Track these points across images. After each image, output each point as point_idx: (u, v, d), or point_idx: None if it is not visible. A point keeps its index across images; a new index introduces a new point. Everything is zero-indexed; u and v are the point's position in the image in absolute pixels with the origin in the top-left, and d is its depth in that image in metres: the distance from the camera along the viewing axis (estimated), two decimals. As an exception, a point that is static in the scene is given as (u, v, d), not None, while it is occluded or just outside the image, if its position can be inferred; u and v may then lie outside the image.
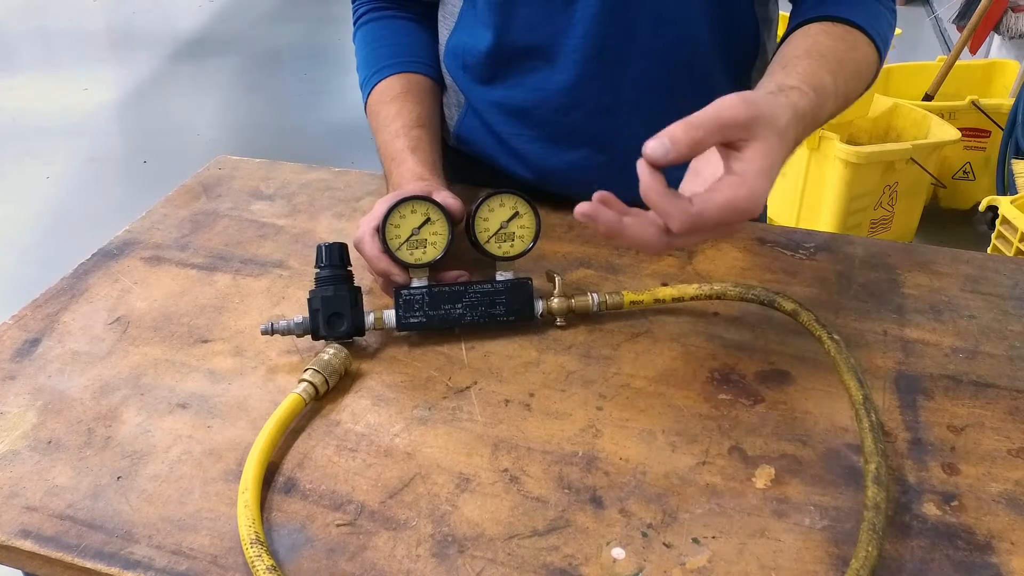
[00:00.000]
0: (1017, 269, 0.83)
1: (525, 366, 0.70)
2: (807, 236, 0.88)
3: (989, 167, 2.68)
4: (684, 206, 0.56)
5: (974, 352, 0.72)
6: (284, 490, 0.59)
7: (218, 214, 0.93)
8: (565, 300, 0.73)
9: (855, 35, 0.78)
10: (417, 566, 0.53)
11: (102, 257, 0.86)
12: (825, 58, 0.72)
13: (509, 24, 0.84)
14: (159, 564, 0.53)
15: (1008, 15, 3.00)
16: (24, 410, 0.66)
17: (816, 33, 0.77)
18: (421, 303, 0.72)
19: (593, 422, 0.64)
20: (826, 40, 0.76)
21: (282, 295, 0.79)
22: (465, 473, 0.60)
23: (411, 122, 0.86)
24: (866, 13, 0.80)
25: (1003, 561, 0.53)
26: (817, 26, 0.78)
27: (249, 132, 3.62)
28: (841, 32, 0.78)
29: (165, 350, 0.72)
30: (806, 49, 0.74)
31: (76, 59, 4.45)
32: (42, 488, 0.59)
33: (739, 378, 0.68)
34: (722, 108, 0.57)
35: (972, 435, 0.63)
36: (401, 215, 0.71)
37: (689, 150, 0.56)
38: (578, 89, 0.84)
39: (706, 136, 0.56)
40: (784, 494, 0.58)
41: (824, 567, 0.53)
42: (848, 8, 0.80)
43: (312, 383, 0.65)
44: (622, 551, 0.54)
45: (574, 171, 0.89)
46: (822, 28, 0.78)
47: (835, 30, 0.78)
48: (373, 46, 0.94)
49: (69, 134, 3.53)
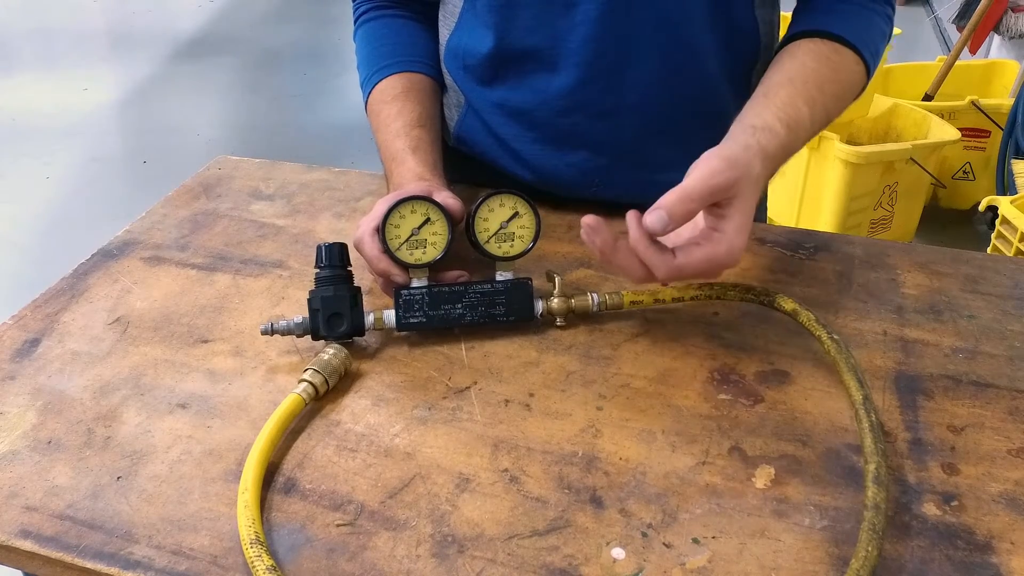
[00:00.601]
0: (1017, 269, 0.83)
1: (525, 366, 0.70)
2: (807, 236, 0.88)
3: (989, 167, 2.68)
4: (668, 260, 0.64)
5: (974, 352, 0.72)
6: (284, 490, 0.59)
7: (218, 214, 0.93)
8: (565, 300, 0.73)
9: (842, 54, 0.80)
10: (417, 566, 0.53)
11: (102, 257, 0.86)
12: (806, 85, 0.76)
13: (510, 26, 0.84)
14: (159, 564, 0.53)
15: (1008, 15, 3.00)
16: (24, 410, 0.66)
17: (803, 55, 0.79)
18: (421, 303, 0.72)
19: (593, 422, 0.64)
20: (811, 64, 0.79)
21: (282, 295, 0.79)
22: (465, 473, 0.60)
23: (412, 122, 0.86)
24: (856, 27, 0.81)
25: (1003, 561, 0.53)
26: (806, 46, 0.80)
27: (249, 132, 3.62)
28: (828, 52, 0.80)
29: (165, 350, 0.72)
30: (789, 76, 0.77)
31: (76, 59, 4.45)
32: (42, 488, 0.59)
33: (739, 378, 0.68)
34: (711, 176, 0.63)
35: (972, 435, 0.63)
36: (401, 215, 0.71)
37: (684, 219, 0.63)
38: (579, 92, 0.84)
39: (699, 206, 0.63)
40: (784, 494, 0.58)
41: (824, 567, 0.53)
42: (841, 22, 0.81)
43: (312, 383, 0.65)
44: (622, 551, 0.54)
45: (574, 173, 0.89)
46: (810, 49, 0.80)
47: (823, 50, 0.80)
48: (374, 45, 0.94)
49: (69, 134, 3.53)
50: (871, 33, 0.82)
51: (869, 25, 0.82)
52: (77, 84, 4.07)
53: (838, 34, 0.80)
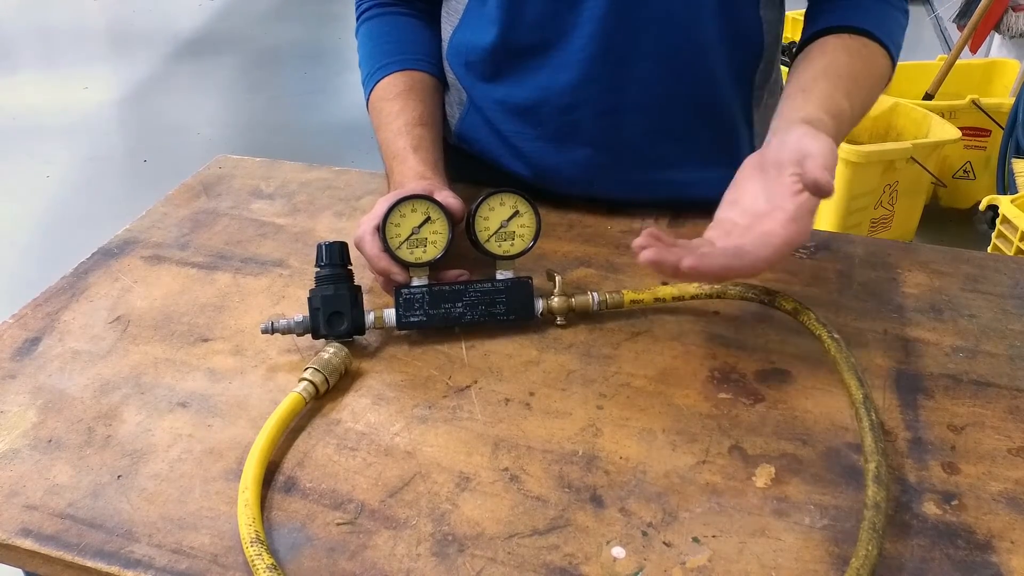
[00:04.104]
0: (1017, 268, 0.83)
1: (525, 365, 0.70)
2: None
3: (989, 166, 2.68)
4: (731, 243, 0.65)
5: (974, 351, 0.72)
6: (284, 489, 0.59)
7: (218, 213, 0.93)
8: (565, 299, 0.73)
9: (871, 48, 0.80)
10: (417, 565, 0.53)
11: (102, 256, 0.86)
12: (842, 79, 0.75)
13: (516, 21, 0.84)
14: (159, 563, 0.53)
15: (1008, 14, 3.00)
16: (24, 409, 0.66)
17: (832, 51, 0.79)
18: (421, 302, 0.72)
19: (593, 421, 0.64)
20: (843, 58, 0.78)
21: (282, 294, 0.79)
22: (465, 472, 0.60)
23: (413, 120, 0.86)
24: (880, 20, 0.81)
25: (1003, 560, 0.53)
26: (834, 41, 0.80)
27: (249, 131, 3.61)
28: (858, 46, 0.79)
29: (165, 349, 0.72)
30: (823, 69, 0.76)
31: (76, 58, 4.45)
32: (42, 487, 0.59)
33: (739, 377, 0.68)
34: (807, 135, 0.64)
35: (972, 434, 0.63)
36: (401, 214, 0.71)
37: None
38: (582, 88, 0.84)
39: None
40: (784, 493, 0.58)
41: (824, 566, 0.53)
42: (863, 16, 0.81)
43: (312, 382, 0.65)
44: (622, 550, 0.54)
45: (576, 170, 0.89)
46: (839, 44, 0.79)
47: (852, 44, 0.79)
48: (376, 43, 0.94)
49: (69, 133, 3.53)
50: (892, 26, 0.82)
51: (889, 18, 0.83)
52: (77, 83, 4.07)
53: (864, 28, 0.80)
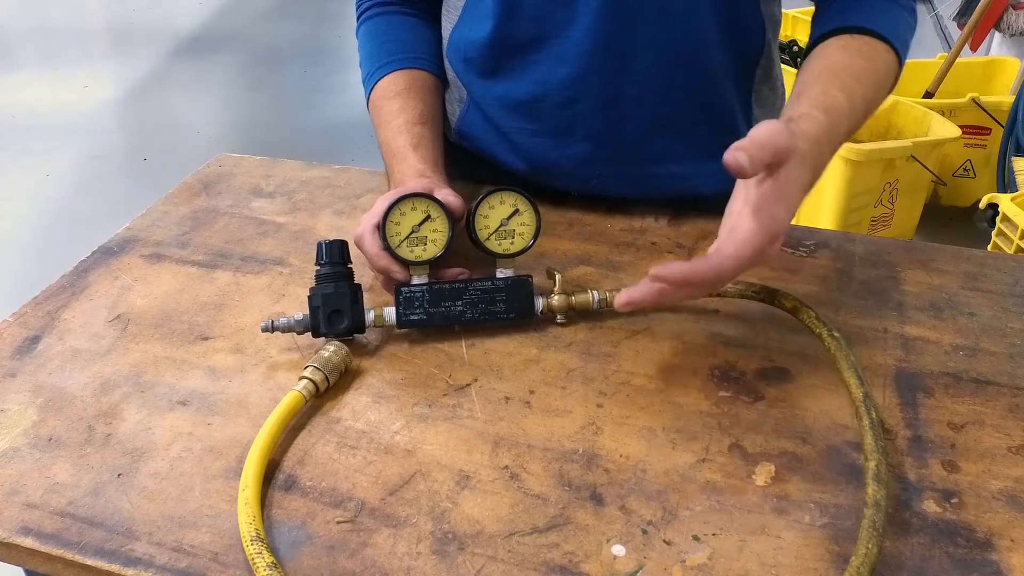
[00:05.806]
0: (1017, 266, 0.83)
1: (525, 363, 0.70)
2: (807, 233, 0.88)
3: (989, 164, 2.68)
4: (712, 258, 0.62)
5: (974, 349, 0.72)
6: (284, 487, 0.59)
7: (218, 211, 0.93)
8: (565, 297, 0.73)
9: (873, 46, 0.79)
10: (417, 563, 0.53)
11: (102, 254, 0.86)
12: (838, 76, 0.75)
13: (513, 15, 0.84)
14: (159, 561, 0.53)
15: (1008, 12, 3.00)
16: (24, 407, 0.66)
17: (831, 53, 0.79)
18: (421, 300, 0.72)
19: (593, 419, 0.64)
20: (841, 58, 0.78)
21: (282, 292, 0.79)
22: (465, 470, 0.60)
23: (414, 119, 0.86)
24: (884, 19, 0.81)
25: (1003, 558, 0.53)
26: (834, 43, 0.80)
27: (249, 129, 3.61)
28: (859, 45, 0.79)
29: (165, 347, 0.72)
30: (820, 71, 0.76)
31: (76, 57, 4.45)
32: (43, 485, 0.59)
33: (739, 375, 0.68)
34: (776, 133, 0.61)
35: (972, 432, 0.63)
36: (401, 212, 0.71)
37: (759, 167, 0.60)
38: (581, 83, 0.84)
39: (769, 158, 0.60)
40: (784, 491, 0.58)
41: (824, 564, 0.53)
42: (867, 16, 0.80)
43: (312, 380, 0.65)
44: (622, 548, 0.54)
45: (575, 165, 0.89)
46: (839, 45, 0.79)
47: (852, 44, 0.79)
48: (376, 42, 0.93)
49: (69, 132, 3.53)
50: (897, 24, 0.82)
51: (894, 16, 0.82)
52: (78, 82, 4.07)
53: (865, 27, 0.80)
